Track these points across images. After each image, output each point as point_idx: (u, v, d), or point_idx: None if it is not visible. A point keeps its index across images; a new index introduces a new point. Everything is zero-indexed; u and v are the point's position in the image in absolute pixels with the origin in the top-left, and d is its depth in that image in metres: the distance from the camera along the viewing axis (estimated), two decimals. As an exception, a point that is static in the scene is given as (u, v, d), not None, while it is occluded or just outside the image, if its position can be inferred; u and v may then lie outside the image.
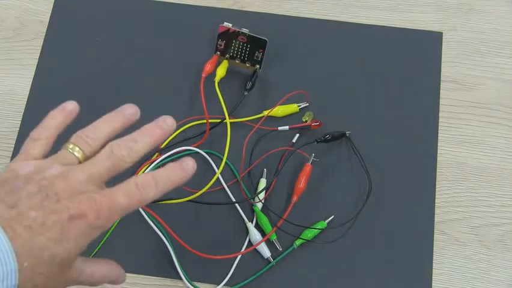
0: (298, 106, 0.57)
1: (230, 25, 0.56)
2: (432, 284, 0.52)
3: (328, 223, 0.53)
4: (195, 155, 0.56)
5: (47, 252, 0.32)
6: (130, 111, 0.39)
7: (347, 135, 0.56)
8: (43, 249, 0.32)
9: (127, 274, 0.52)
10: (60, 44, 0.61)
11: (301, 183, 0.53)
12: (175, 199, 0.51)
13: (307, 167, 0.54)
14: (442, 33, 0.61)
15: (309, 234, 0.53)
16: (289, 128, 0.57)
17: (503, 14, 0.62)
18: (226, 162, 0.56)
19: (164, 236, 0.53)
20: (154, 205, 0.53)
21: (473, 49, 0.61)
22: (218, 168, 0.55)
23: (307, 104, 0.58)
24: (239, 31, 0.56)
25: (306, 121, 0.57)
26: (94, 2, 0.63)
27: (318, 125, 0.56)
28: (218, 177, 0.55)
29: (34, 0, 0.63)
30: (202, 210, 0.54)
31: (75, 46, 0.61)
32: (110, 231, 0.53)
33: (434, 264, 0.53)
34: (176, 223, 0.53)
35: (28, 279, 0.31)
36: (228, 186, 0.55)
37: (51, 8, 0.63)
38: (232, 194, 0.55)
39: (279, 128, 0.57)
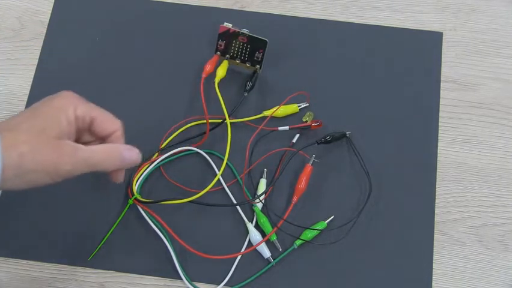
0: (299, 106, 0.57)
1: (230, 25, 0.56)
2: (433, 284, 0.52)
3: (328, 223, 0.53)
4: (195, 155, 0.56)
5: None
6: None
7: (347, 135, 0.56)
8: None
9: (127, 274, 0.53)
10: (60, 44, 0.61)
11: (302, 183, 0.53)
12: (176, 199, 0.51)
13: (308, 168, 0.54)
14: (442, 33, 0.61)
15: (309, 234, 0.53)
16: (289, 128, 0.57)
17: (503, 14, 0.62)
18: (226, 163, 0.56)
19: (165, 236, 0.53)
20: (154, 205, 0.53)
21: (473, 49, 0.61)
22: (218, 169, 0.55)
23: (308, 104, 0.58)
24: (239, 31, 0.56)
25: (306, 121, 0.57)
26: (94, 2, 0.63)
27: (318, 125, 0.56)
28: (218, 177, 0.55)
29: (34, 0, 0.63)
30: (202, 210, 0.54)
31: (75, 46, 0.61)
32: (111, 231, 0.53)
33: (434, 264, 0.53)
34: (176, 223, 0.53)
35: (10, 146, 0.33)
36: (228, 186, 0.55)
37: (51, 8, 0.63)
38: (232, 193, 0.55)
39: (279, 128, 0.57)
